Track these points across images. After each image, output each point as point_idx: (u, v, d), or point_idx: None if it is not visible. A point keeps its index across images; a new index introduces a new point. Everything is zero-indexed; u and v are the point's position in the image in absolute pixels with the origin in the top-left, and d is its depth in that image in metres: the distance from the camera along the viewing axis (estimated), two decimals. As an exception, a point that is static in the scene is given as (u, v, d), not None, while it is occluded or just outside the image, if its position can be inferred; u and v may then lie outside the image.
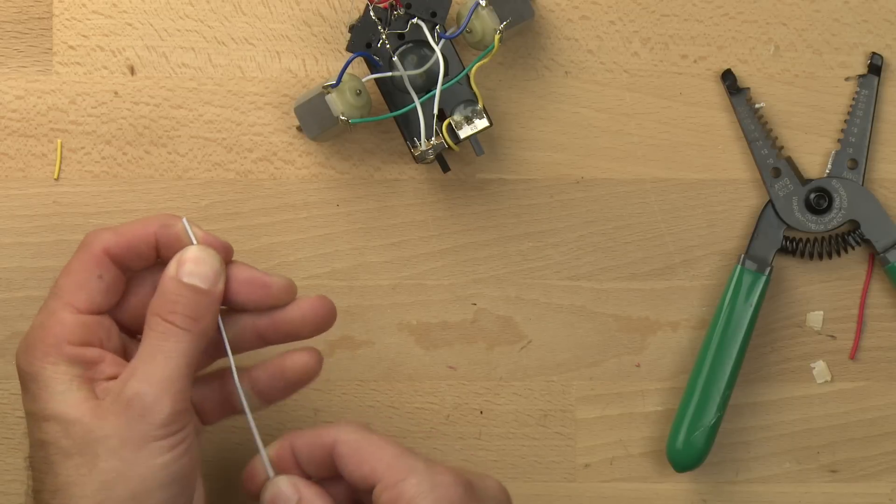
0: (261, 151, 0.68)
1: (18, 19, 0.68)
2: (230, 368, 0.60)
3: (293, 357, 0.60)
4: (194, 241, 0.58)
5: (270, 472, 0.60)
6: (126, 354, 0.59)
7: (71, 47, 0.68)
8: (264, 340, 0.60)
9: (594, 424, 0.69)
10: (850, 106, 0.68)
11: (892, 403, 0.69)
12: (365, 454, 0.58)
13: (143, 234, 0.58)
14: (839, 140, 0.68)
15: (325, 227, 0.68)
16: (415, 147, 0.64)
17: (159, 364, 0.56)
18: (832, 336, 0.69)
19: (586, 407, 0.69)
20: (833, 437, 0.69)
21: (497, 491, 0.59)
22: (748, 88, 0.68)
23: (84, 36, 0.68)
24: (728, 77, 0.68)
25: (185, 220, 0.58)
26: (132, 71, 0.68)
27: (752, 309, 0.67)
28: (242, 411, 0.60)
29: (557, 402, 0.69)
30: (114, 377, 0.57)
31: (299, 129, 0.68)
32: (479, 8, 0.64)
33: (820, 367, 0.69)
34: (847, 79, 0.69)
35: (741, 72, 0.68)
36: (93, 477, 0.55)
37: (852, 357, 0.69)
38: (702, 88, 0.69)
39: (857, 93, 0.68)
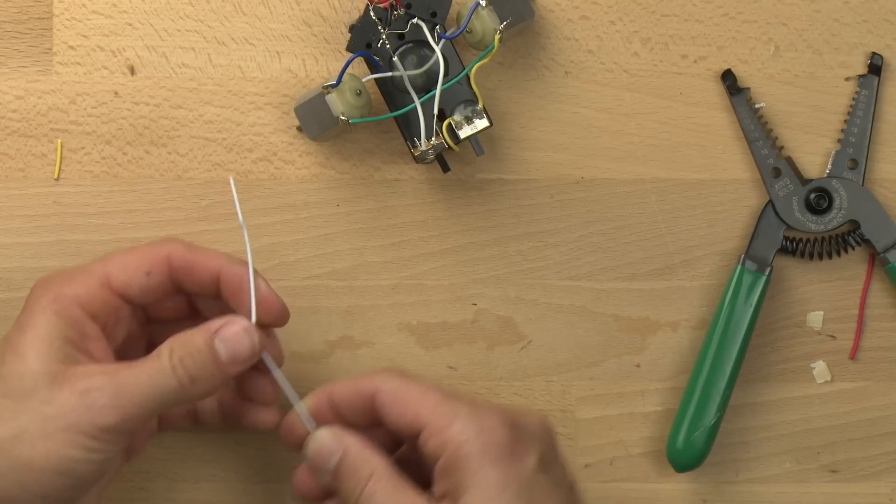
0: (261, 151, 0.68)
1: (18, 19, 0.68)
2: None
3: (259, 415, 0.63)
4: (252, 307, 0.59)
5: (310, 426, 0.59)
6: (120, 349, 0.60)
7: (71, 47, 0.68)
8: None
9: (594, 424, 0.69)
10: (850, 106, 0.68)
11: (892, 403, 0.69)
12: (407, 402, 0.57)
13: (208, 261, 0.60)
14: (839, 140, 0.68)
15: (325, 227, 0.68)
16: (415, 147, 0.64)
17: (135, 385, 0.56)
18: (832, 336, 0.69)
19: (586, 407, 0.69)
20: (833, 437, 0.69)
21: (540, 426, 0.58)
22: (748, 88, 0.68)
23: (84, 36, 0.68)
24: (728, 77, 0.68)
25: (252, 270, 0.59)
26: (132, 71, 0.68)
27: (752, 309, 0.67)
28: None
29: (557, 402, 0.69)
30: (92, 356, 0.58)
31: (299, 129, 0.68)
32: (479, 8, 0.64)
33: (820, 367, 0.69)
34: (847, 79, 0.69)
35: (741, 72, 0.68)
36: (9, 425, 0.55)
37: (852, 357, 0.69)
38: (702, 88, 0.69)
39: (857, 93, 0.68)
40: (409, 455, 0.60)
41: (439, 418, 0.56)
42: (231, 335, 0.58)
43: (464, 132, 0.65)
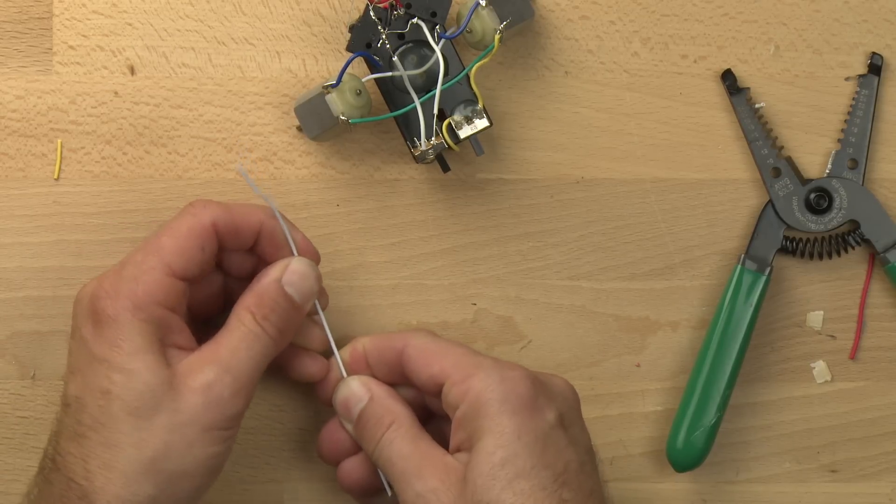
0: (261, 151, 0.68)
1: (18, 19, 0.68)
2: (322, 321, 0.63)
3: (306, 365, 0.63)
4: (294, 250, 0.61)
5: (343, 373, 0.62)
6: (190, 325, 0.60)
7: (71, 47, 0.68)
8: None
9: (594, 424, 0.69)
10: (850, 106, 0.68)
11: (892, 403, 0.69)
12: (433, 355, 0.60)
13: (250, 218, 0.60)
14: (839, 140, 0.68)
15: (325, 227, 0.68)
16: (415, 147, 0.64)
17: (243, 361, 0.58)
18: (832, 336, 0.69)
19: (586, 407, 0.68)
20: (833, 437, 0.69)
21: (564, 388, 0.60)
22: (748, 88, 0.68)
23: (84, 36, 0.68)
24: (728, 77, 0.68)
25: (276, 210, 0.61)
26: (132, 71, 0.68)
27: (752, 309, 0.67)
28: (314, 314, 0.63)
29: (557, 402, 0.69)
30: (182, 347, 0.58)
31: (299, 129, 0.68)
32: (479, 8, 0.64)
33: (820, 367, 0.69)
34: (847, 79, 0.69)
35: (741, 72, 0.68)
36: (152, 443, 0.56)
37: (852, 357, 0.69)
38: (702, 88, 0.69)
39: (857, 93, 0.68)
40: (432, 419, 0.63)
41: (462, 369, 0.58)
42: (296, 276, 0.60)
43: (464, 132, 0.65)
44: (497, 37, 0.63)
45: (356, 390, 0.62)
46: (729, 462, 0.69)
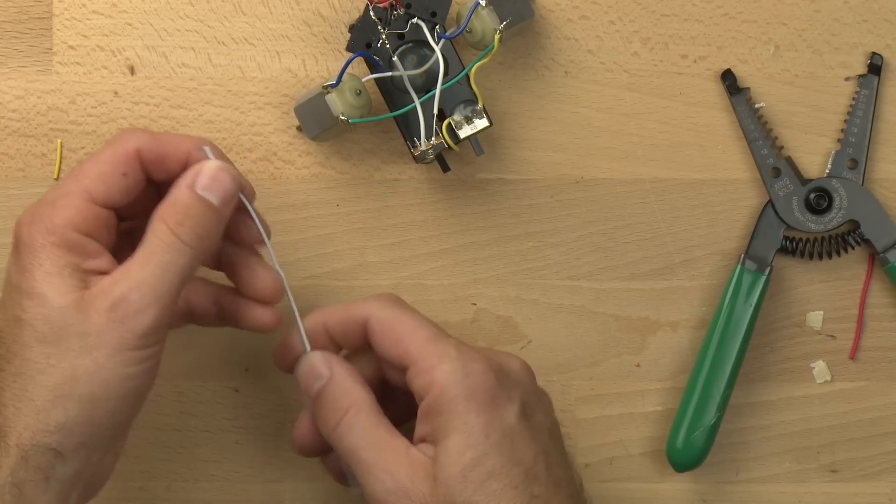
0: (261, 151, 0.68)
1: (18, 19, 0.68)
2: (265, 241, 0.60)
3: (256, 313, 0.61)
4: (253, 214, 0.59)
5: (307, 346, 0.60)
6: (118, 254, 0.59)
7: (71, 47, 0.68)
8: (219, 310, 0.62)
9: (594, 424, 0.69)
10: (850, 106, 0.68)
11: (892, 403, 0.69)
12: (397, 335, 0.59)
13: (177, 147, 0.58)
14: (839, 140, 0.68)
15: (325, 227, 0.68)
16: (415, 147, 0.64)
17: (154, 273, 0.55)
18: (832, 336, 0.69)
19: (586, 407, 0.69)
20: (833, 437, 0.69)
21: (521, 371, 0.60)
22: (748, 88, 0.68)
23: (84, 36, 0.68)
24: (728, 77, 0.68)
25: (208, 148, 0.58)
26: (132, 71, 0.68)
27: (752, 309, 0.67)
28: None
29: (557, 402, 0.69)
30: (103, 272, 0.56)
31: (299, 129, 0.68)
32: (479, 8, 0.64)
33: (820, 367, 0.69)
34: (847, 79, 0.69)
35: (741, 72, 0.68)
36: (60, 369, 0.54)
37: (852, 357, 0.69)
38: (702, 88, 0.69)
39: (857, 93, 0.68)
40: (395, 385, 0.61)
41: (427, 357, 0.57)
42: (208, 177, 0.57)
43: (464, 132, 0.65)
44: (497, 37, 0.63)
45: (317, 366, 0.60)
46: (729, 462, 0.69)
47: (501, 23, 0.64)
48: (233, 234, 0.60)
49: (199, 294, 0.62)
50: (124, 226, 0.61)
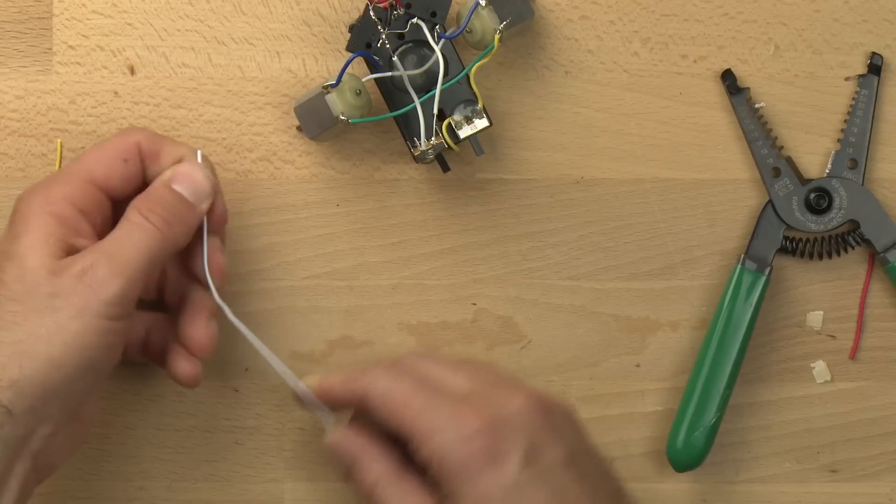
0: (261, 151, 0.68)
1: (18, 19, 0.68)
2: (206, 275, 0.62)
3: (181, 363, 0.63)
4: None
5: (327, 420, 0.63)
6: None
7: (71, 47, 0.68)
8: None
9: (594, 424, 0.69)
10: (850, 106, 0.68)
11: (892, 403, 0.69)
12: (392, 409, 0.59)
13: (173, 148, 0.62)
14: (839, 140, 0.68)
15: (325, 227, 0.68)
16: (415, 147, 0.64)
17: (122, 248, 0.58)
18: (832, 336, 0.69)
19: (586, 407, 0.69)
20: (833, 437, 0.69)
21: (524, 416, 0.58)
22: (748, 88, 0.68)
23: (84, 36, 0.68)
24: (728, 77, 0.68)
25: (199, 152, 0.62)
26: (132, 71, 0.68)
27: (752, 309, 0.67)
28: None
29: (557, 402, 0.69)
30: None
31: (299, 129, 0.68)
32: (479, 8, 0.64)
33: (820, 367, 0.69)
34: (847, 79, 0.69)
35: (741, 72, 0.68)
36: (23, 327, 0.56)
37: (852, 357, 0.69)
38: (702, 88, 0.69)
39: (857, 93, 0.68)
40: None
41: (421, 430, 0.58)
42: (184, 175, 0.61)
43: (464, 132, 0.65)
44: (497, 37, 0.63)
45: (339, 447, 0.62)
46: (729, 462, 0.69)
47: (501, 23, 0.64)
48: (189, 264, 0.63)
49: (136, 318, 0.63)
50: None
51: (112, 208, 0.61)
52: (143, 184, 0.62)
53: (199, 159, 0.62)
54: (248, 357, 0.68)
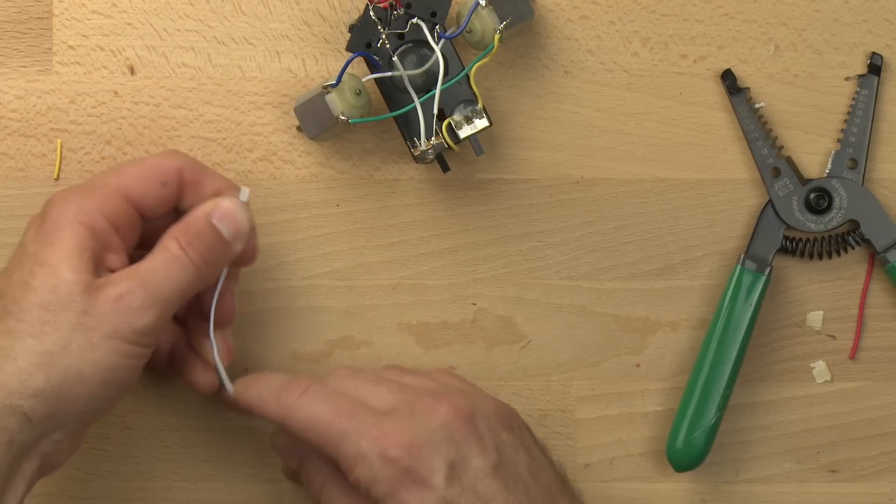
0: (261, 151, 0.68)
1: (18, 19, 0.68)
2: (210, 323, 0.63)
3: (198, 373, 0.64)
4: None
5: (228, 385, 0.63)
6: (131, 259, 0.61)
7: (71, 47, 0.68)
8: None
9: (594, 424, 0.69)
10: (850, 106, 0.68)
11: (892, 403, 0.69)
12: (315, 436, 0.59)
13: (214, 179, 0.61)
14: (839, 140, 0.68)
15: (325, 227, 0.68)
16: (415, 147, 0.64)
17: (159, 280, 0.58)
18: (832, 336, 0.69)
19: (586, 407, 0.69)
20: (833, 437, 0.69)
21: (445, 429, 0.59)
22: (748, 88, 0.68)
23: (84, 36, 0.68)
24: (728, 77, 0.68)
25: (246, 191, 0.62)
26: (132, 71, 0.68)
27: (752, 309, 0.67)
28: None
29: (557, 402, 0.69)
30: (115, 270, 0.58)
31: (299, 129, 0.68)
32: (479, 8, 0.64)
33: (820, 367, 0.69)
34: (847, 79, 0.69)
35: (741, 72, 0.68)
36: (53, 337, 0.56)
37: (852, 357, 0.69)
38: (702, 88, 0.69)
39: (857, 93, 0.68)
40: None
41: (346, 456, 0.58)
42: (226, 212, 0.60)
43: (464, 132, 0.65)
44: (497, 37, 0.63)
45: (287, 446, 0.63)
46: (729, 462, 0.69)
47: (501, 23, 0.64)
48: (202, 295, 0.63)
49: (165, 331, 0.64)
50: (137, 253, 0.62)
51: (141, 225, 0.61)
52: (175, 208, 0.62)
53: (245, 197, 0.61)
54: (248, 357, 0.68)
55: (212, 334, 0.63)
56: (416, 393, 0.61)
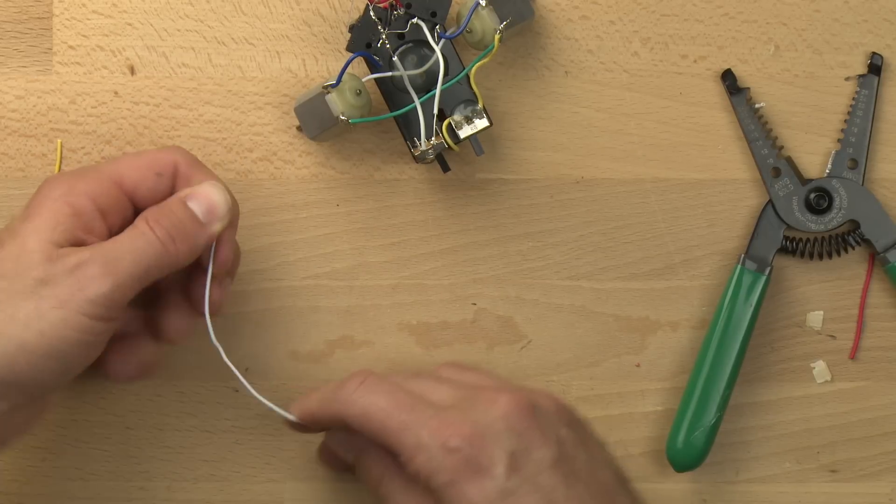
0: (261, 151, 0.68)
1: (18, 19, 0.68)
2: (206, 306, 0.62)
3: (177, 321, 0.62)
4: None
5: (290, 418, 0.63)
6: None
7: (71, 47, 0.68)
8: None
9: (594, 424, 0.68)
10: (850, 106, 0.68)
11: (892, 403, 0.69)
12: (374, 428, 0.59)
13: (206, 176, 0.61)
14: (839, 140, 0.68)
15: (325, 227, 0.68)
16: (415, 147, 0.64)
17: (120, 251, 0.57)
18: (832, 336, 0.69)
19: (586, 407, 0.69)
20: (833, 437, 0.69)
21: (505, 422, 0.58)
22: (748, 88, 0.68)
23: (84, 36, 0.68)
24: (728, 77, 0.68)
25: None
26: (132, 71, 0.68)
27: (752, 309, 0.67)
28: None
29: (557, 402, 0.69)
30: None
31: (299, 129, 0.68)
32: (479, 8, 0.64)
33: (820, 367, 0.69)
34: (847, 79, 0.69)
35: (741, 72, 0.68)
36: (3, 304, 0.55)
37: (852, 357, 0.69)
38: (702, 88, 0.69)
39: (857, 93, 0.68)
40: None
41: (406, 447, 0.58)
42: (200, 193, 0.60)
43: (464, 132, 0.65)
44: (497, 37, 0.63)
45: (344, 441, 0.63)
46: (729, 462, 0.69)
47: (501, 23, 0.64)
48: (189, 289, 0.62)
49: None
50: None
51: (134, 215, 0.61)
52: None
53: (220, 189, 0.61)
54: (248, 357, 0.68)
55: (213, 340, 0.62)
56: (474, 387, 0.61)
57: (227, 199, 0.60)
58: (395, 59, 0.64)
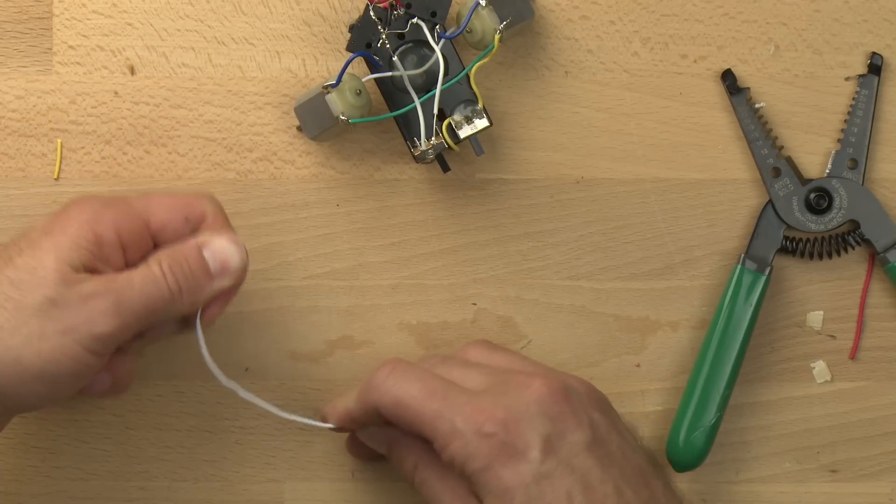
0: (261, 151, 0.68)
1: (18, 19, 0.68)
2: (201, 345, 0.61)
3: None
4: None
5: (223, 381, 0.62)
6: None
7: (71, 47, 0.68)
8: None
9: (594, 424, 0.69)
10: (850, 106, 0.68)
11: (892, 403, 0.69)
12: (407, 417, 0.59)
13: (228, 231, 0.61)
14: (839, 140, 0.68)
15: (325, 227, 0.68)
16: (415, 147, 0.64)
17: (131, 292, 0.57)
18: (832, 336, 0.69)
19: (586, 407, 0.69)
20: (833, 437, 0.69)
21: (539, 406, 0.58)
22: (748, 88, 0.68)
23: (84, 36, 0.68)
24: (728, 77, 0.68)
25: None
26: (132, 71, 0.68)
27: (752, 309, 0.67)
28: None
29: (557, 402, 0.69)
30: None
31: (299, 129, 0.68)
32: (479, 8, 0.64)
33: (820, 367, 0.69)
34: (847, 79, 0.69)
35: (741, 72, 0.68)
36: (8, 314, 0.55)
37: (852, 357, 0.69)
38: (702, 88, 0.69)
39: (857, 93, 0.68)
40: None
41: (440, 438, 0.58)
42: (218, 245, 0.60)
43: (464, 132, 0.65)
44: (497, 37, 0.63)
45: (378, 432, 0.63)
46: (729, 462, 0.69)
47: (501, 23, 0.64)
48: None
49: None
50: None
51: (150, 251, 0.61)
52: None
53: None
54: (248, 357, 0.68)
55: (225, 381, 0.62)
56: (507, 371, 0.61)
57: (243, 258, 0.60)
58: (395, 59, 0.64)
